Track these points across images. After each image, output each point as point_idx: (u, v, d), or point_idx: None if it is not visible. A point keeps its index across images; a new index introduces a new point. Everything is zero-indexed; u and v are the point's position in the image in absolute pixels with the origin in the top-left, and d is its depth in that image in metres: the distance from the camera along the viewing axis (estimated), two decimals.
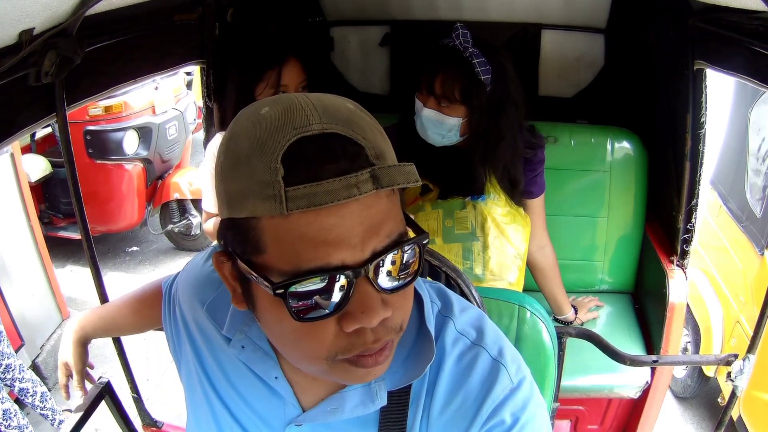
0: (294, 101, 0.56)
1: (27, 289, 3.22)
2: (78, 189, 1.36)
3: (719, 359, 1.56)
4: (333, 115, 0.54)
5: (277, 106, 0.56)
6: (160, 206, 4.57)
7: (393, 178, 0.52)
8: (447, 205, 1.68)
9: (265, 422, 0.77)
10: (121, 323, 1.15)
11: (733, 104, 3.10)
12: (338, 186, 0.50)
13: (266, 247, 0.54)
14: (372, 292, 0.55)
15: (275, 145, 0.52)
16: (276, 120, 0.54)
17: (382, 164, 0.53)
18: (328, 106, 0.56)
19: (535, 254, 1.80)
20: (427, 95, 1.55)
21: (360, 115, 0.57)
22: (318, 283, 0.53)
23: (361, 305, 0.55)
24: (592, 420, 2.09)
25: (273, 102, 0.58)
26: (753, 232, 2.71)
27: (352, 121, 0.55)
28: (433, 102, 1.54)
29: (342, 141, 0.53)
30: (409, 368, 0.72)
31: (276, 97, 0.60)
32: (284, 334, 0.59)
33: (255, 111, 0.57)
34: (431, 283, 0.83)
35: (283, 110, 0.55)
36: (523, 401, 0.71)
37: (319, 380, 0.75)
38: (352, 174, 0.51)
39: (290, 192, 0.50)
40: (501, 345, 0.75)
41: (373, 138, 0.55)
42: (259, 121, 0.55)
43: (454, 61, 1.50)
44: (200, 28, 1.70)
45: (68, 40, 1.08)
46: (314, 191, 0.50)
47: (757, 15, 1.19)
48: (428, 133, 1.59)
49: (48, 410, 2.73)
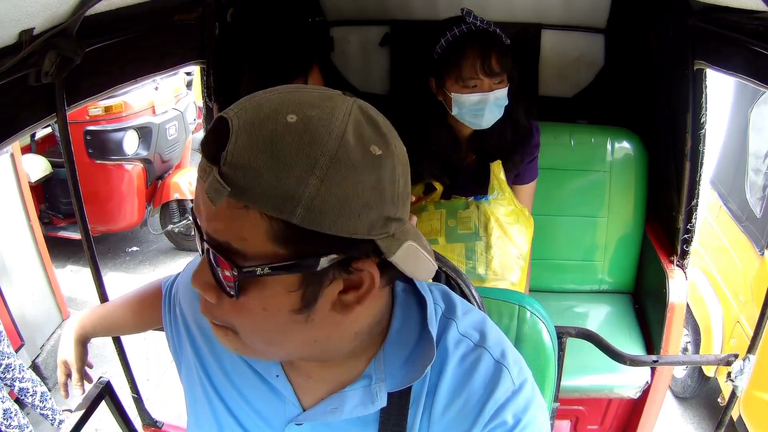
0: (265, 90, 0.59)
1: (27, 289, 3.22)
2: (78, 189, 1.36)
3: (719, 359, 1.56)
4: (248, 113, 0.56)
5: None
6: (160, 206, 4.57)
7: (206, 186, 0.55)
8: (450, 205, 1.69)
9: (266, 421, 0.78)
10: (121, 323, 1.15)
11: (733, 104, 3.10)
12: (202, 164, 0.57)
13: None
14: (205, 266, 0.60)
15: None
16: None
17: (224, 171, 0.54)
18: (262, 105, 0.56)
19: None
20: (478, 80, 1.54)
21: (274, 130, 0.54)
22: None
23: (197, 267, 0.62)
24: (592, 420, 2.09)
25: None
26: (753, 232, 2.72)
27: (251, 126, 0.54)
28: (488, 84, 1.54)
29: (223, 133, 0.55)
30: (409, 370, 0.72)
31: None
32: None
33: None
34: (436, 285, 0.83)
35: (253, 93, 0.60)
36: (525, 403, 0.72)
37: (319, 379, 0.75)
38: (209, 163, 0.56)
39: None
40: (503, 347, 0.75)
41: (248, 150, 0.53)
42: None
43: (493, 40, 1.54)
44: (200, 28, 1.70)
45: (68, 40, 1.08)
46: (201, 161, 0.58)
47: (757, 15, 1.19)
48: (484, 118, 1.58)
49: (48, 410, 2.74)
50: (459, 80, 1.55)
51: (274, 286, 0.58)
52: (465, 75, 1.54)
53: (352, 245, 0.57)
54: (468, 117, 1.60)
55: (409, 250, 0.61)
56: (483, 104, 1.56)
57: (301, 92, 0.59)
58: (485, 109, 1.57)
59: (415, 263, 0.63)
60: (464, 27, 1.55)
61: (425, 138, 1.68)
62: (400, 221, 0.61)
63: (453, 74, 1.55)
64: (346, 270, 0.60)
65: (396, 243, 0.60)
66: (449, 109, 1.61)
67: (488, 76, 1.54)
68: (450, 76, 1.56)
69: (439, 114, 1.66)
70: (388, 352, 0.73)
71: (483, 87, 1.55)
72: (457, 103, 1.57)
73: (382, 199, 0.57)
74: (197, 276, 0.61)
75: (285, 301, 0.59)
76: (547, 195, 2.09)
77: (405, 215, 0.62)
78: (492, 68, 1.53)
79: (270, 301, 0.59)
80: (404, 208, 0.61)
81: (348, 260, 0.59)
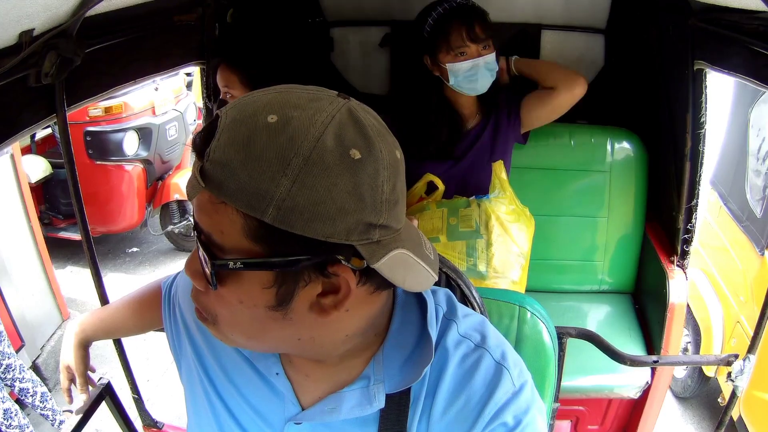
0: (260, 90, 0.61)
1: (27, 289, 3.21)
2: (78, 190, 1.36)
3: (719, 359, 1.56)
4: (235, 111, 0.57)
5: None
6: (161, 207, 4.56)
7: (190, 179, 0.59)
8: (451, 204, 1.70)
9: (265, 420, 0.78)
10: (121, 325, 1.15)
11: (733, 104, 3.10)
12: (195, 159, 0.59)
13: None
14: (195, 254, 0.62)
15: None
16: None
17: (206, 167, 0.56)
18: (248, 104, 0.58)
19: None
20: (466, 47, 1.69)
21: (252, 130, 0.55)
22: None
23: (190, 255, 0.63)
24: (592, 420, 2.09)
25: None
26: (753, 232, 2.71)
27: (235, 124, 0.56)
28: (475, 50, 1.69)
29: (212, 130, 0.57)
30: (408, 372, 0.72)
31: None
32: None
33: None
34: (440, 288, 0.83)
35: (251, 91, 0.62)
36: (525, 404, 0.72)
37: (318, 379, 0.75)
38: (198, 158, 0.58)
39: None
40: (504, 349, 0.75)
41: (227, 147, 0.55)
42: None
43: (473, 11, 1.70)
44: (200, 29, 1.70)
45: (68, 41, 1.08)
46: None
47: (757, 15, 1.19)
48: (479, 82, 1.73)
49: (48, 410, 2.73)
50: (449, 51, 1.70)
51: (250, 280, 0.60)
52: (454, 44, 1.69)
53: (328, 249, 0.57)
54: (464, 84, 1.74)
55: (396, 258, 0.60)
56: (475, 69, 1.71)
57: (291, 93, 0.59)
58: (478, 74, 1.71)
59: (404, 273, 0.62)
60: (446, 5, 1.70)
61: (428, 114, 1.82)
62: (386, 228, 0.59)
63: (443, 46, 1.71)
64: (322, 273, 0.59)
65: (381, 250, 0.59)
66: (446, 80, 1.75)
67: (474, 42, 1.69)
68: (440, 49, 1.71)
69: (438, 89, 1.81)
70: (387, 353, 0.73)
71: (471, 53, 1.70)
72: (452, 72, 1.72)
73: (360, 204, 0.56)
74: (189, 263, 0.63)
75: (260, 296, 0.60)
76: (547, 195, 2.09)
77: (393, 222, 0.60)
78: (477, 35, 1.68)
79: (245, 295, 0.61)
80: (391, 215, 0.59)
81: (323, 263, 0.59)
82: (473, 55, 1.69)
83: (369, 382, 0.72)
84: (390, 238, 0.60)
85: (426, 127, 1.82)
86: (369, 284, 0.63)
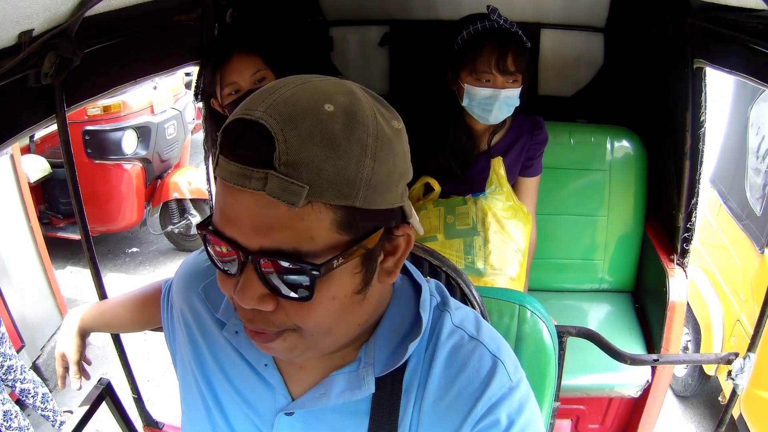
0: (275, 86, 0.58)
1: (27, 290, 3.21)
2: (77, 189, 1.36)
3: (720, 358, 1.56)
4: (281, 109, 0.54)
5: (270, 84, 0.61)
6: (160, 206, 4.56)
7: (274, 190, 0.54)
8: (448, 203, 1.70)
9: (256, 412, 0.78)
10: (120, 318, 1.16)
11: (733, 103, 3.10)
12: (237, 171, 0.55)
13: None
14: (254, 280, 0.58)
15: (230, 118, 0.58)
16: (251, 96, 0.59)
17: (284, 172, 0.53)
18: (291, 99, 0.55)
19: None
20: (491, 75, 1.57)
21: (320, 121, 0.55)
22: (220, 243, 0.59)
23: (242, 284, 0.59)
24: (593, 419, 2.09)
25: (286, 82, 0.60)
26: (753, 231, 2.71)
27: (294, 121, 0.54)
28: (501, 81, 1.58)
29: (261, 134, 0.54)
30: (397, 354, 0.71)
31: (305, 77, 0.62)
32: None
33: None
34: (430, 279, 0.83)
35: (262, 90, 0.59)
36: (519, 403, 0.71)
37: (308, 369, 0.75)
38: (254, 168, 0.54)
39: (219, 159, 0.57)
40: (499, 343, 0.75)
41: (302, 146, 0.53)
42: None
43: (513, 39, 1.57)
44: (199, 29, 1.70)
45: (68, 41, 1.08)
46: (223, 166, 0.57)
47: (757, 13, 1.19)
48: (492, 114, 1.61)
49: (49, 411, 2.73)
50: (473, 73, 1.59)
51: (341, 272, 0.60)
52: (479, 69, 1.57)
53: (392, 215, 0.63)
54: (476, 110, 1.63)
55: (411, 206, 0.67)
56: (493, 100, 1.59)
57: (313, 82, 0.59)
58: (494, 105, 1.59)
59: (416, 218, 0.68)
60: (487, 23, 1.58)
61: (441, 127, 1.72)
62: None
63: (468, 66, 1.59)
64: (388, 239, 0.63)
65: (408, 203, 0.66)
66: (460, 99, 1.64)
67: (502, 74, 1.57)
68: (465, 67, 1.60)
69: (453, 103, 1.69)
70: (379, 336, 0.73)
71: (496, 83, 1.58)
72: (468, 95, 1.61)
73: (407, 166, 0.63)
74: (246, 293, 0.59)
75: (350, 284, 0.62)
76: (547, 194, 2.08)
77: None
78: (507, 66, 1.56)
79: (338, 289, 0.61)
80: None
81: (389, 229, 0.63)
82: (497, 86, 1.57)
83: (359, 366, 0.72)
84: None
85: (437, 142, 1.71)
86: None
